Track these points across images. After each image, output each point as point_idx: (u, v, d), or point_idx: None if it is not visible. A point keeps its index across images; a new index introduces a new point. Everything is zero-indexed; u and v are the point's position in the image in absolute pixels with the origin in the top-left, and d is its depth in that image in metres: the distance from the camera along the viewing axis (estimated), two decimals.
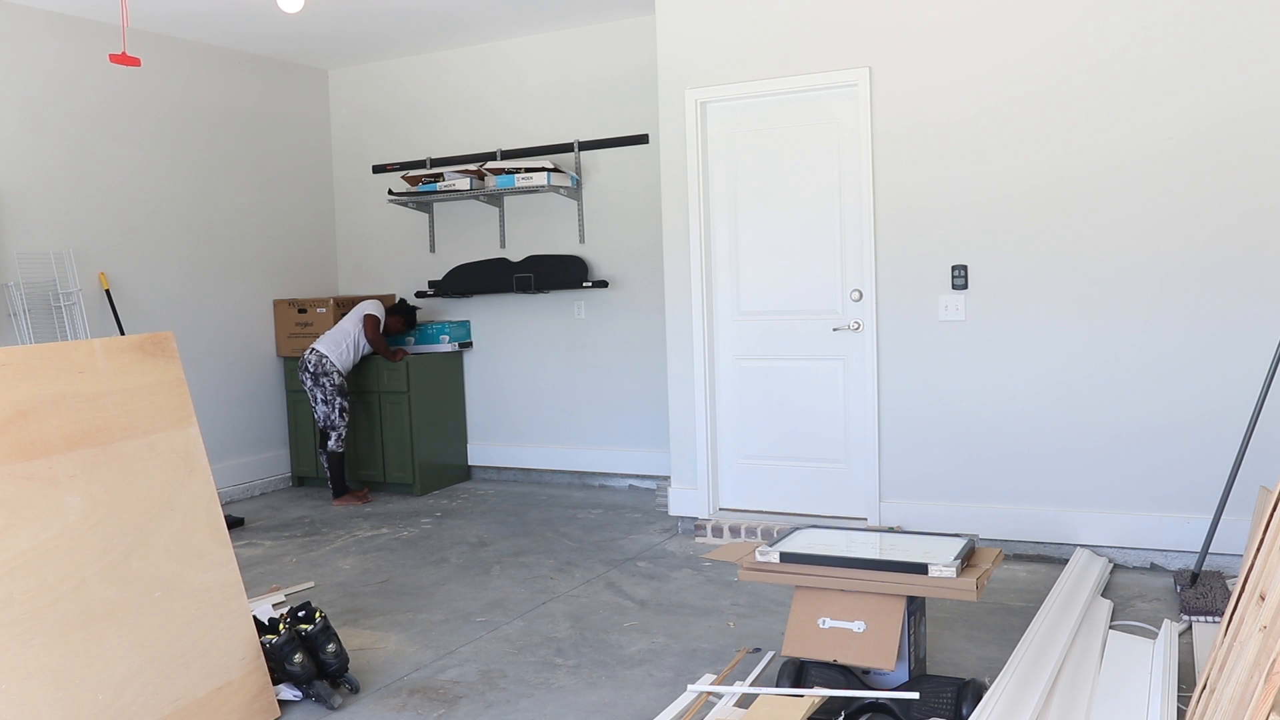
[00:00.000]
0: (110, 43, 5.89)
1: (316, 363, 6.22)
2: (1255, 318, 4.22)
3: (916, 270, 4.80)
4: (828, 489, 5.12)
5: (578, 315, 6.64)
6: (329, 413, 6.27)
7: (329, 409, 6.26)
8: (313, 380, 6.24)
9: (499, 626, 4.03)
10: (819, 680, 3.01)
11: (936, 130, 4.71)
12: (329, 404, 6.26)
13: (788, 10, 4.98)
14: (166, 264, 6.29)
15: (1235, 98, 4.20)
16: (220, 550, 3.14)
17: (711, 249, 5.29)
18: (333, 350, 6.25)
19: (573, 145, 6.54)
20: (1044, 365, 4.59)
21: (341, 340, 6.32)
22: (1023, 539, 4.67)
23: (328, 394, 6.24)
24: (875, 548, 3.18)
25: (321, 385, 6.23)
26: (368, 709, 3.29)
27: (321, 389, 6.23)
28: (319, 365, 6.21)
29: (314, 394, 6.27)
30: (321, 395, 6.25)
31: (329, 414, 6.27)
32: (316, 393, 6.25)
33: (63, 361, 2.88)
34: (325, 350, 6.23)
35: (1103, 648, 3.38)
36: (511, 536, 5.45)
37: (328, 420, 6.28)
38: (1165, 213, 4.35)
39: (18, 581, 2.61)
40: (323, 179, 7.40)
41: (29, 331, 5.47)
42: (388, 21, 6.20)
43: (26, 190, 5.56)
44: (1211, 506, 4.25)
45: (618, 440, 6.58)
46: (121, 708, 2.75)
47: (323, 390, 6.23)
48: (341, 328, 6.39)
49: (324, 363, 6.21)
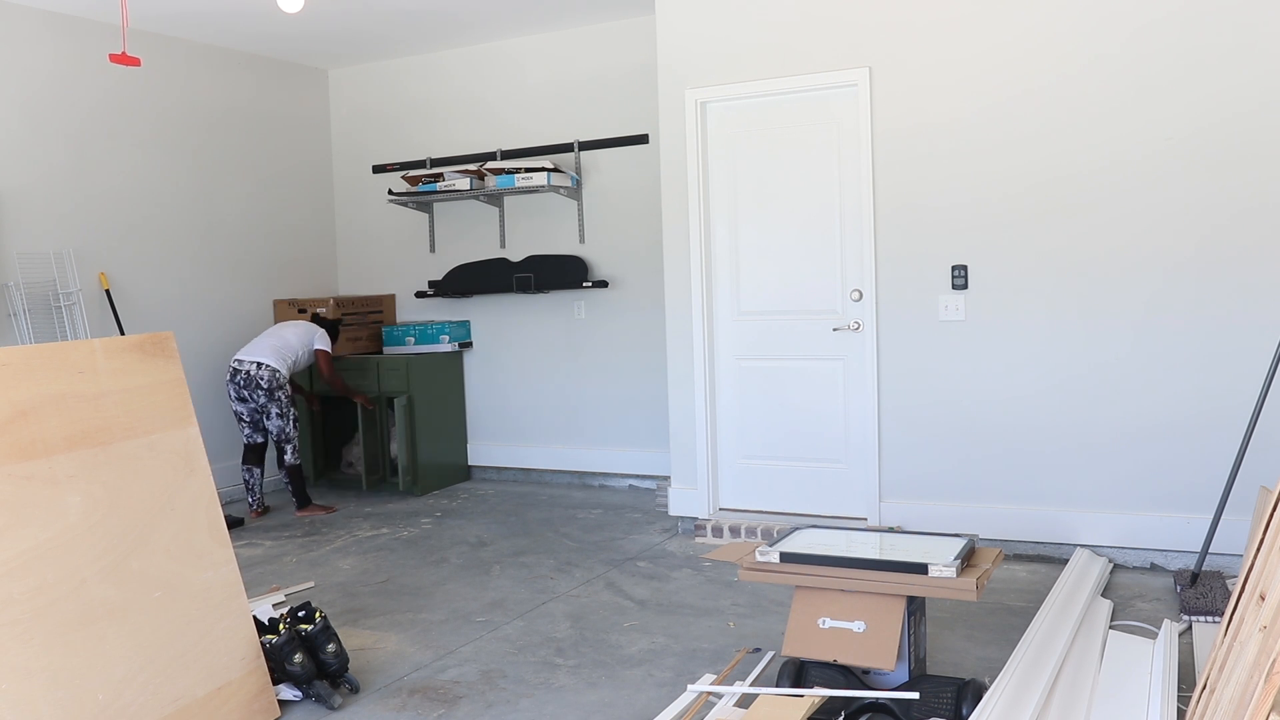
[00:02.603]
0: (110, 42, 5.89)
1: (270, 377, 5.92)
2: (1256, 316, 4.22)
3: (916, 270, 4.80)
4: (828, 489, 5.11)
5: (578, 315, 6.64)
6: (284, 426, 6.02)
7: (284, 422, 6.02)
8: (266, 395, 5.93)
9: (499, 626, 4.03)
10: (819, 680, 3.01)
11: (936, 130, 4.71)
12: (284, 417, 6.01)
13: (788, 10, 4.98)
14: (166, 264, 6.29)
15: (1235, 95, 4.20)
16: (220, 550, 3.14)
17: (711, 249, 5.29)
18: (283, 364, 5.99)
19: (573, 145, 6.54)
20: (1044, 365, 4.59)
21: (288, 355, 6.05)
22: (1023, 539, 4.67)
23: (283, 407, 5.99)
24: (875, 548, 3.18)
25: (277, 399, 5.96)
26: (368, 709, 3.29)
27: (277, 403, 5.96)
28: (273, 379, 5.93)
29: (266, 409, 5.96)
30: (277, 410, 5.97)
31: (284, 427, 6.02)
32: (271, 408, 5.96)
33: (63, 361, 2.88)
34: (276, 365, 5.95)
35: (1103, 648, 3.38)
36: (511, 536, 5.45)
37: (282, 434, 6.02)
38: (1165, 211, 4.35)
39: (18, 581, 2.61)
40: (323, 179, 7.40)
41: (29, 331, 5.47)
42: (388, 21, 6.20)
43: (26, 190, 5.56)
44: (1211, 506, 4.25)
45: (618, 440, 6.58)
46: (121, 708, 2.75)
47: (278, 405, 5.97)
48: (285, 340, 6.10)
49: (277, 376, 5.94)
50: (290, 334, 6.17)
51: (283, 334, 6.16)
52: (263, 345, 6.04)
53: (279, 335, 6.14)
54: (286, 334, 6.16)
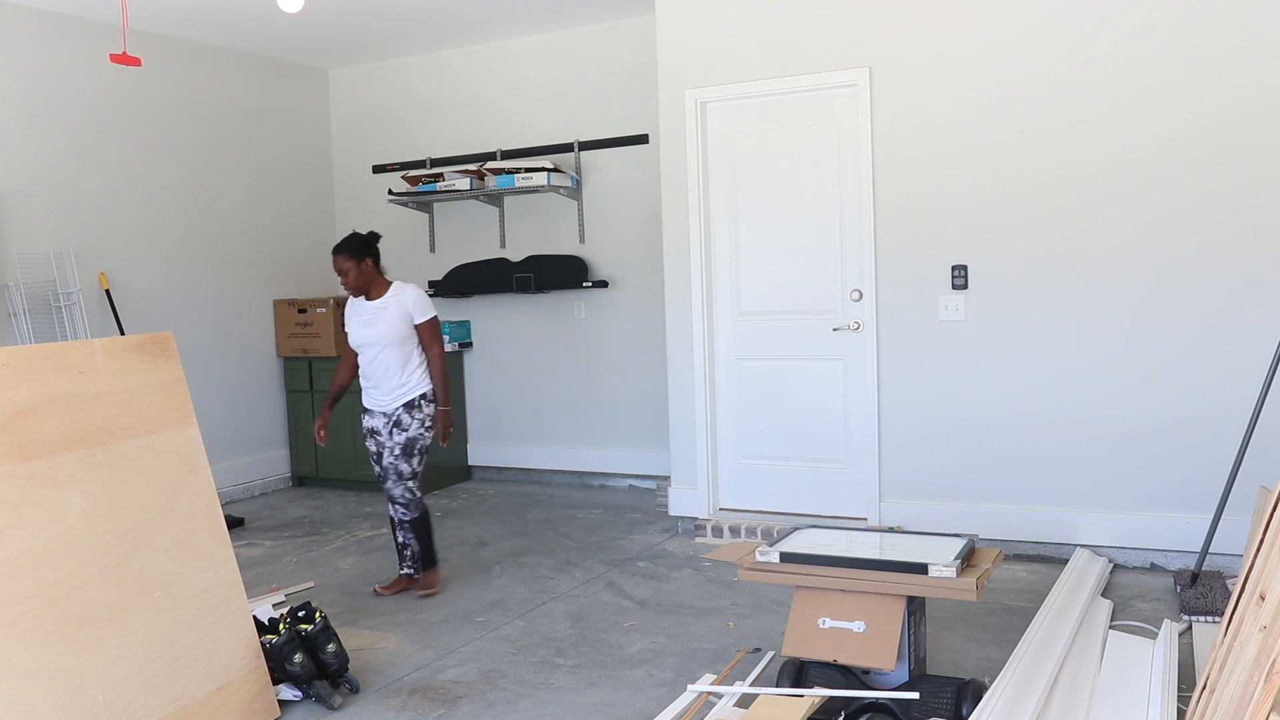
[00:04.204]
0: (110, 42, 5.89)
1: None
2: (1256, 315, 4.22)
3: (916, 270, 4.79)
4: (828, 489, 5.11)
5: (578, 315, 6.64)
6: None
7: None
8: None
9: (499, 626, 4.03)
10: (819, 680, 3.01)
11: (937, 129, 4.71)
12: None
13: (788, 10, 4.98)
14: (166, 264, 6.29)
15: (1233, 95, 4.20)
16: (220, 550, 3.14)
17: (711, 249, 5.29)
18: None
19: (573, 145, 6.54)
20: (1045, 365, 4.59)
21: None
22: (1023, 539, 4.66)
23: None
24: (875, 548, 3.18)
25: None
26: (368, 709, 3.29)
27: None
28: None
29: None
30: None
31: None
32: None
33: (63, 361, 2.88)
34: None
35: (1103, 648, 3.38)
36: (511, 536, 5.44)
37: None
38: (1164, 209, 4.34)
39: (18, 581, 2.61)
40: (323, 179, 7.39)
41: (29, 331, 5.47)
42: (388, 21, 6.20)
43: (26, 190, 5.56)
44: (1211, 506, 4.25)
45: (618, 440, 6.58)
46: (121, 708, 2.75)
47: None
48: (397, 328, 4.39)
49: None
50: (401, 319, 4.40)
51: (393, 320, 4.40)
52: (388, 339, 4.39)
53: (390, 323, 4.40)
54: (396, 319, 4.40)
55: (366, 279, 4.39)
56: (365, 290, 4.42)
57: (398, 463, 4.38)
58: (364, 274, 4.37)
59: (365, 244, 4.37)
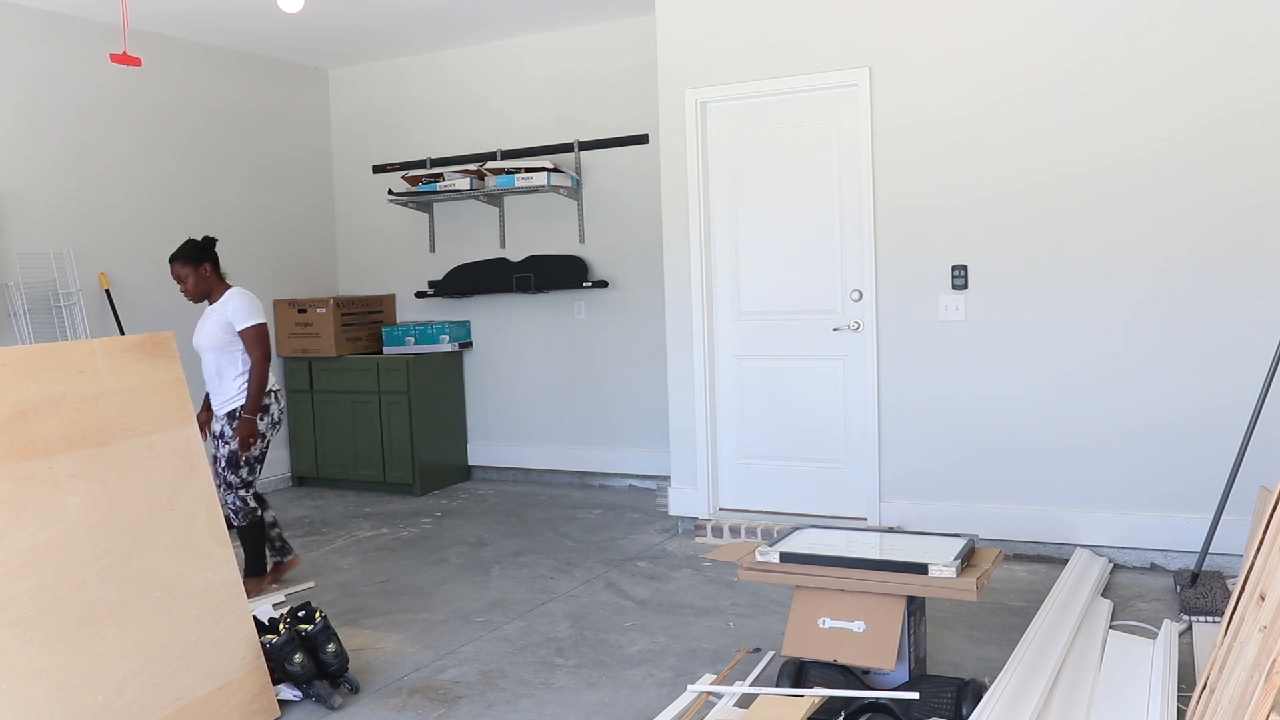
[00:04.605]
0: (109, 42, 5.89)
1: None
2: (1256, 315, 4.22)
3: (916, 270, 4.79)
4: (828, 489, 5.11)
5: (578, 315, 6.64)
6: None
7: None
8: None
9: (499, 626, 4.03)
10: (819, 680, 3.01)
11: (936, 129, 4.71)
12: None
13: (788, 10, 4.98)
14: (166, 264, 6.28)
15: (1232, 94, 4.20)
16: (220, 550, 3.14)
17: (711, 249, 5.29)
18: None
19: (573, 145, 6.54)
20: (1045, 364, 4.59)
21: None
22: (1023, 539, 4.66)
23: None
24: (875, 548, 3.18)
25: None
26: (368, 709, 3.29)
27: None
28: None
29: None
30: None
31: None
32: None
33: (63, 362, 2.88)
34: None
35: (1103, 648, 3.38)
36: (511, 536, 5.45)
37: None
38: (1165, 209, 4.34)
39: (18, 581, 2.61)
40: (323, 179, 7.39)
41: (29, 331, 5.47)
42: (388, 21, 6.20)
43: (26, 190, 5.56)
44: (1211, 506, 4.25)
45: (618, 440, 6.58)
46: (121, 708, 2.75)
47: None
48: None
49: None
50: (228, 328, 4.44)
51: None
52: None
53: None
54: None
55: (206, 284, 4.43)
56: (206, 295, 4.46)
57: (225, 473, 4.37)
58: (202, 279, 4.41)
59: (201, 249, 4.41)
